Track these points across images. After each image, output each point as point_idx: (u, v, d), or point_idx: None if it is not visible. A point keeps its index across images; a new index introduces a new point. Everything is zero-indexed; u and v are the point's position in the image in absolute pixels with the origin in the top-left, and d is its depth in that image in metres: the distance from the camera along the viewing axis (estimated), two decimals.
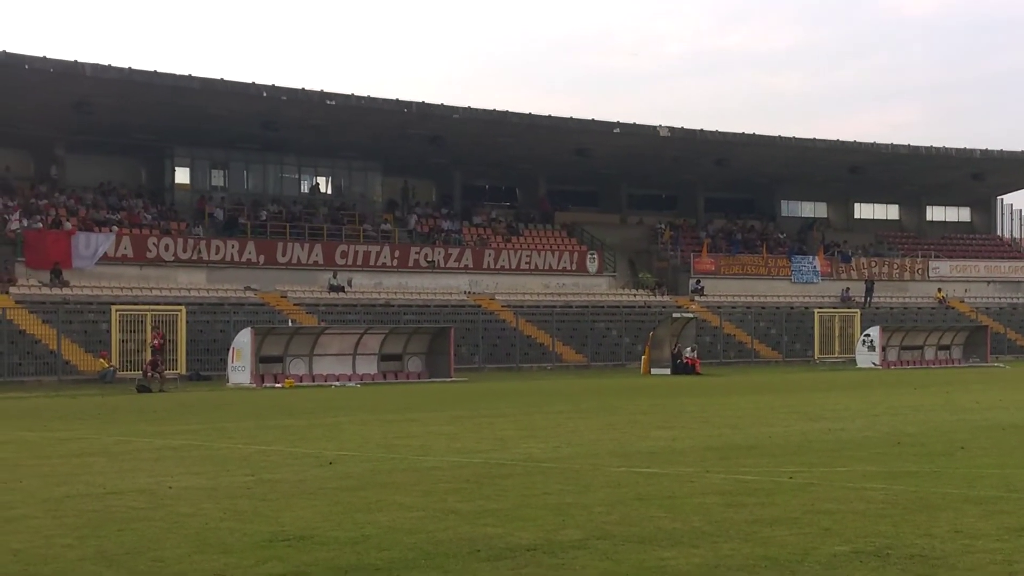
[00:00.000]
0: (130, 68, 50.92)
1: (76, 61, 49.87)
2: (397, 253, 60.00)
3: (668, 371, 48.82)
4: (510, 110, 60.55)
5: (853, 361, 56.98)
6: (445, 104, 58.90)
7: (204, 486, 14.01)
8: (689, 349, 49.96)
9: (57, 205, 54.11)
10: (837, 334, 61.47)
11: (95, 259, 51.70)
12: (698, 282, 67.70)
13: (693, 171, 71.77)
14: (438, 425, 22.84)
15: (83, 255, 51.60)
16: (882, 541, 10.16)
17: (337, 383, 42.55)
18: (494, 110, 60.26)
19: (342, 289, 56.96)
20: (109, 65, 50.48)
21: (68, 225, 52.50)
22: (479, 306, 58.81)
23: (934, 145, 72.91)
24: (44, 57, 48.85)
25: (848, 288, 70.86)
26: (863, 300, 69.71)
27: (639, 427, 21.88)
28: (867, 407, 26.86)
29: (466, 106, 59.42)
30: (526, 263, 63.47)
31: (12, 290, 48.60)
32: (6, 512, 12.20)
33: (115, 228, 53.59)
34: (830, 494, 12.76)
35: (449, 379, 44.68)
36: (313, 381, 42.87)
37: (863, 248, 76.58)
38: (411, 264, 60.21)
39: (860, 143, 71.38)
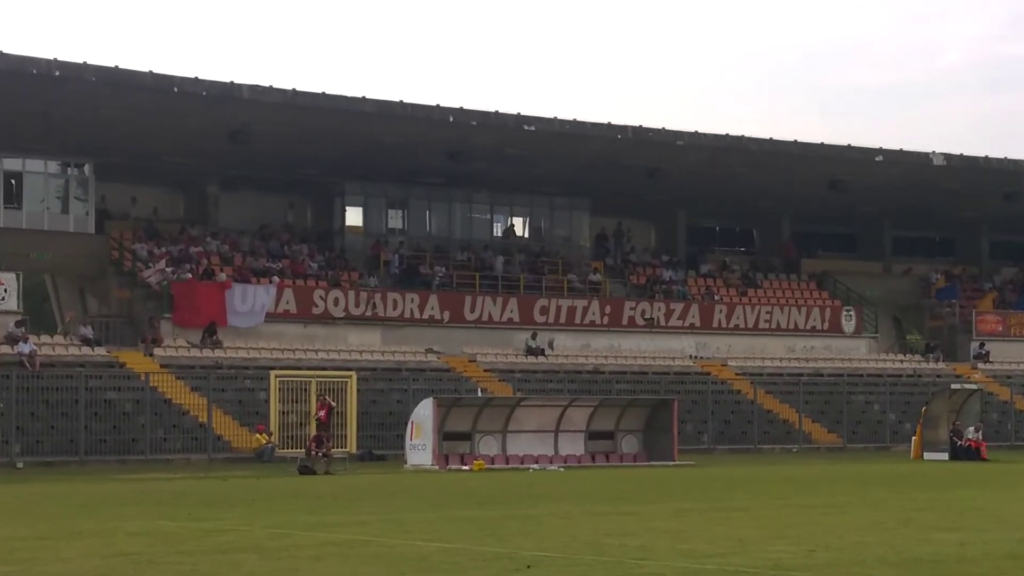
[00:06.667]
0: (294, 90, 51.98)
1: (232, 83, 51.11)
2: (608, 309, 60.01)
3: (946, 455, 48.01)
4: (746, 135, 60.16)
5: None
6: (666, 129, 58.82)
7: None
8: (972, 429, 49.10)
9: (209, 252, 55.38)
10: None
11: (259, 316, 52.78)
12: (982, 345, 66.41)
13: (975, 208, 70.38)
14: (660, 520, 22.69)
15: (239, 311, 52.70)
16: None
17: (536, 466, 42.63)
18: (726, 135, 59.92)
19: (542, 352, 57.09)
20: (270, 87, 51.61)
21: (222, 276, 53.66)
22: (708, 373, 58.45)
23: None
24: (196, 79, 50.16)
25: None
26: None
27: (915, 527, 21.41)
28: None
29: (692, 131, 59.22)
30: (765, 321, 63.01)
31: (157, 352, 49.82)
32: None
33: (275, 279, 54.64)
34: None
35: (672, 463, 44.62)
36: (507, 463, 43.17)
37: None
38: (625, 322, 60.23)
39: None
